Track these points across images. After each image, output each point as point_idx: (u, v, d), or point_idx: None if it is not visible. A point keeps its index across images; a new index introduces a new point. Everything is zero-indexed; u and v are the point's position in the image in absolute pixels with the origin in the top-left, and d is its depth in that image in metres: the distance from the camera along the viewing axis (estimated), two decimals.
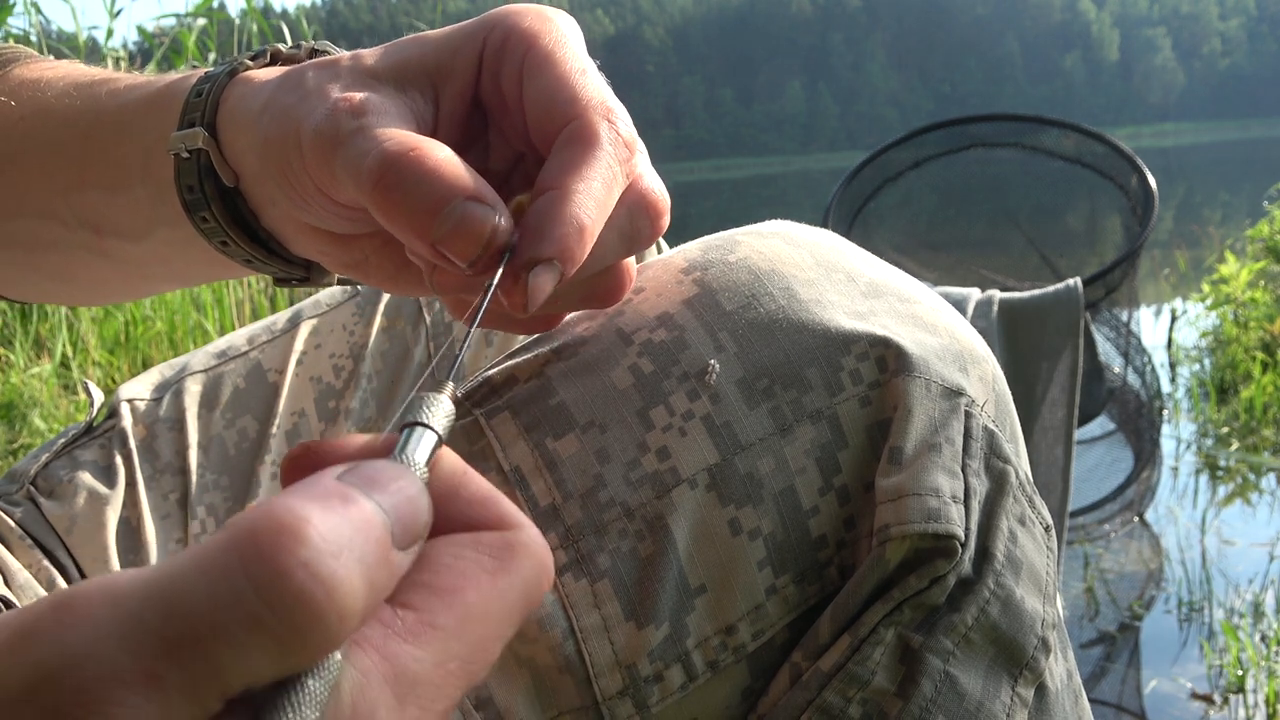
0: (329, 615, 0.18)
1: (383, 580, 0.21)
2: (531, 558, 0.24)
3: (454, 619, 0.22)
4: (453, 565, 0.23)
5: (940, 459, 0.39)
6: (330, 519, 0.20)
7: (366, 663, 0.21)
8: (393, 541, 0.21)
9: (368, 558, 0.20)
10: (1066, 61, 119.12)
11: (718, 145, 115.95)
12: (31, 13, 2.96)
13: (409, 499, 0.22)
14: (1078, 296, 1.72)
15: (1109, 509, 2.19)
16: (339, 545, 0.19)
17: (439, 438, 0.26)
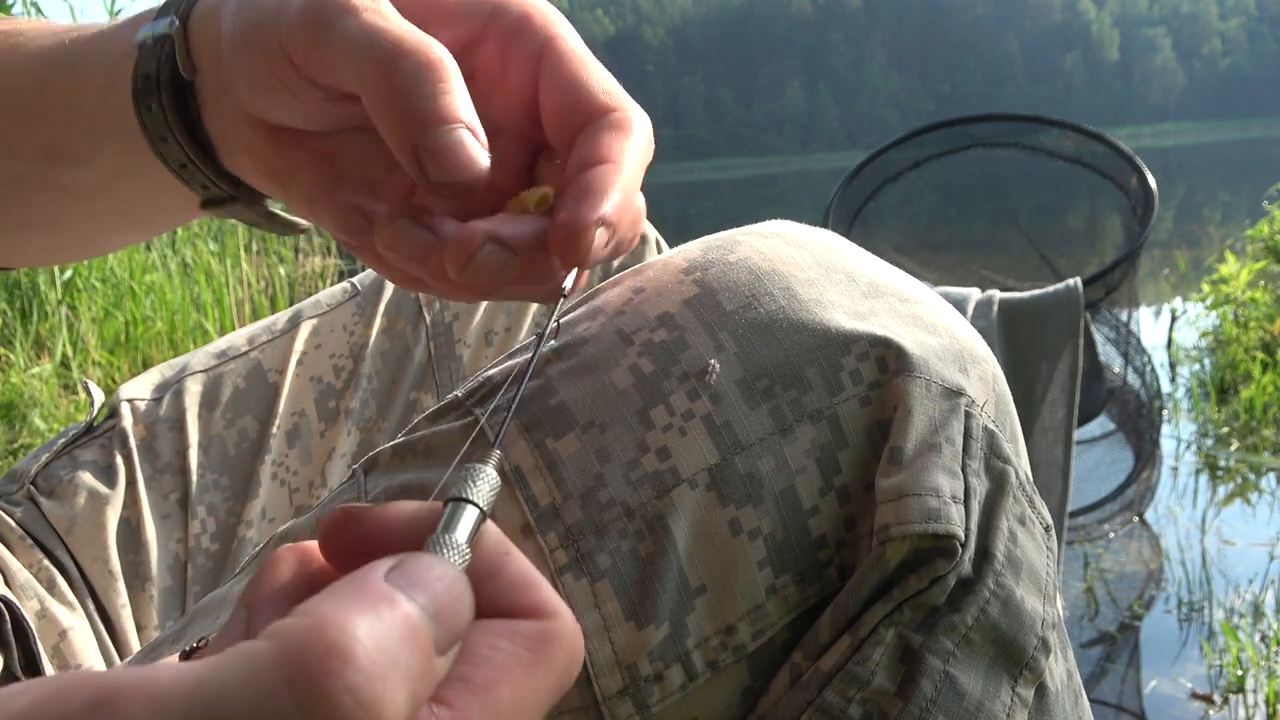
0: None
1: (424, 691, 0.21)
2: (566, 648, 0.24)
3: (487, 716, 0.22)
4: (489, 658, 0.23)
5: (940, 459, 0.39)
6: (379, 633, 0.20)
7: None
8: (435, 648, 0.21)
9: (412, 671, 0.20)
10: (1066, 61, 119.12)
11: (718, 145, 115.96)
12: (31, 13, 2.96)
13: (453, 599, 0.23)
14: (1078, 296, 1.72)
15: (1109, 509, 2.19)
16: (385, 666, 0.20)
17: (482, 513, 0.26)
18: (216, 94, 0.42)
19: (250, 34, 0.39)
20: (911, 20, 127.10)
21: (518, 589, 0.25)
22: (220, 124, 0.43)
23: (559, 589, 0.37)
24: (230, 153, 0.43)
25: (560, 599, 0.25)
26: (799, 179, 37.01)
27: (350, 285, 0.82)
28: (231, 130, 0.42)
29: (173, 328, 3.43)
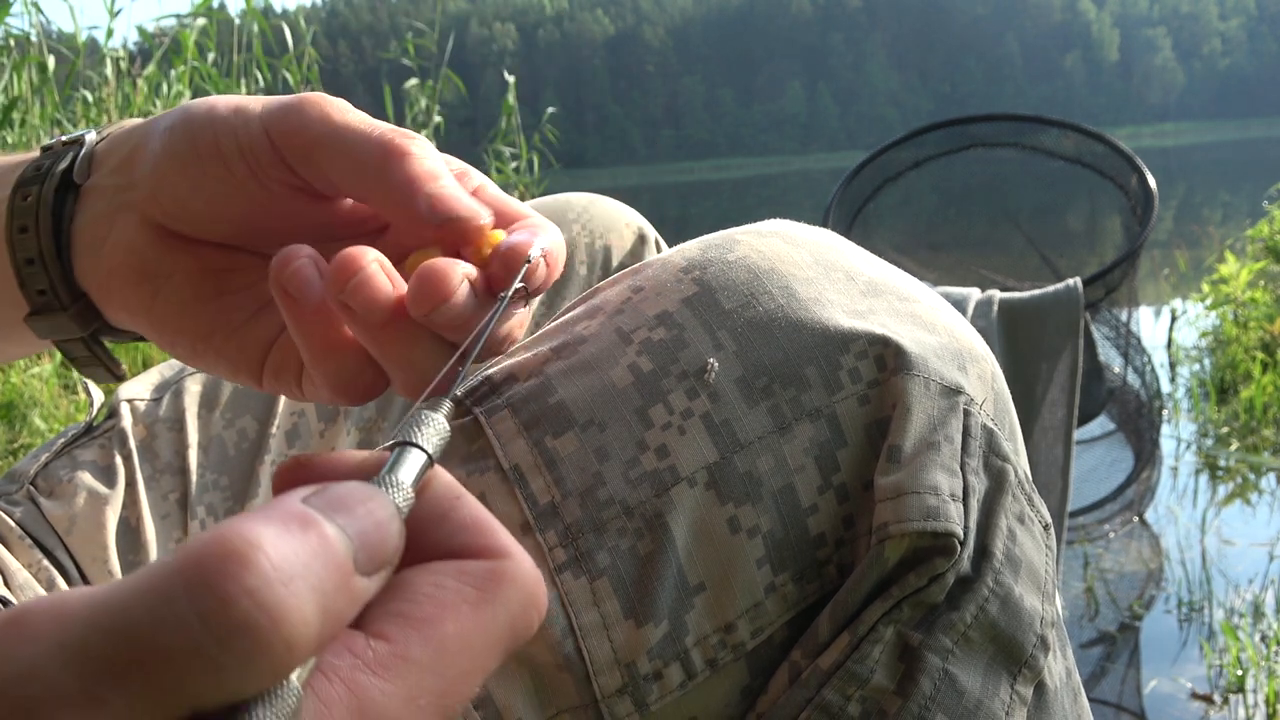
0: (275, 644, 0.18)
1: (341, 607, 0.20)
2: (519, 588, 0.24)
3: (429, 652, 0.22)
4: (432, 595, 0.23)
5: (939, 457, 0.39)
6: (285, 543, 0.19)
7: (331, 693, 0.20)
8: (356, 567, 0.21)
9: (324, 584, 0.19)
10: (1066, 61, 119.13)
11: (718, 145, 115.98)
12: (31, 13, 2.96)
13: (377, 523, 0.22)
14: (1078, 296, 1.72)
15: (1109, 509, 2.19)
16: (290, 572, 0.19)
17: (429, 458, 0.26)
18: (108, 195, 0.43)
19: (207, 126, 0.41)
20: (911, 20, 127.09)
21: (468, 531, 0.24)
22: (97, 223, 0.43)
23: (558, 587, 0.37)
24: (91, 253, 0.44)
25: (515, 541, 0.25)
26: (799, 179, 37.01)
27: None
28: (109, 228, 0.43)
29: None
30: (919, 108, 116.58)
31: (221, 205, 0.42)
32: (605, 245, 0.80)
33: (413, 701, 0.21)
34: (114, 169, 0.43)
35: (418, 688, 0.21)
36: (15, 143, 2.73)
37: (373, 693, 0.21)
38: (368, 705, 0.20)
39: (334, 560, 0.20)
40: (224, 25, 3.58)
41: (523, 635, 0.24)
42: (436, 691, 0.21)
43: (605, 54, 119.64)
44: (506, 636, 0.23)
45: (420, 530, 0.25)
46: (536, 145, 5.44)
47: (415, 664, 0.21)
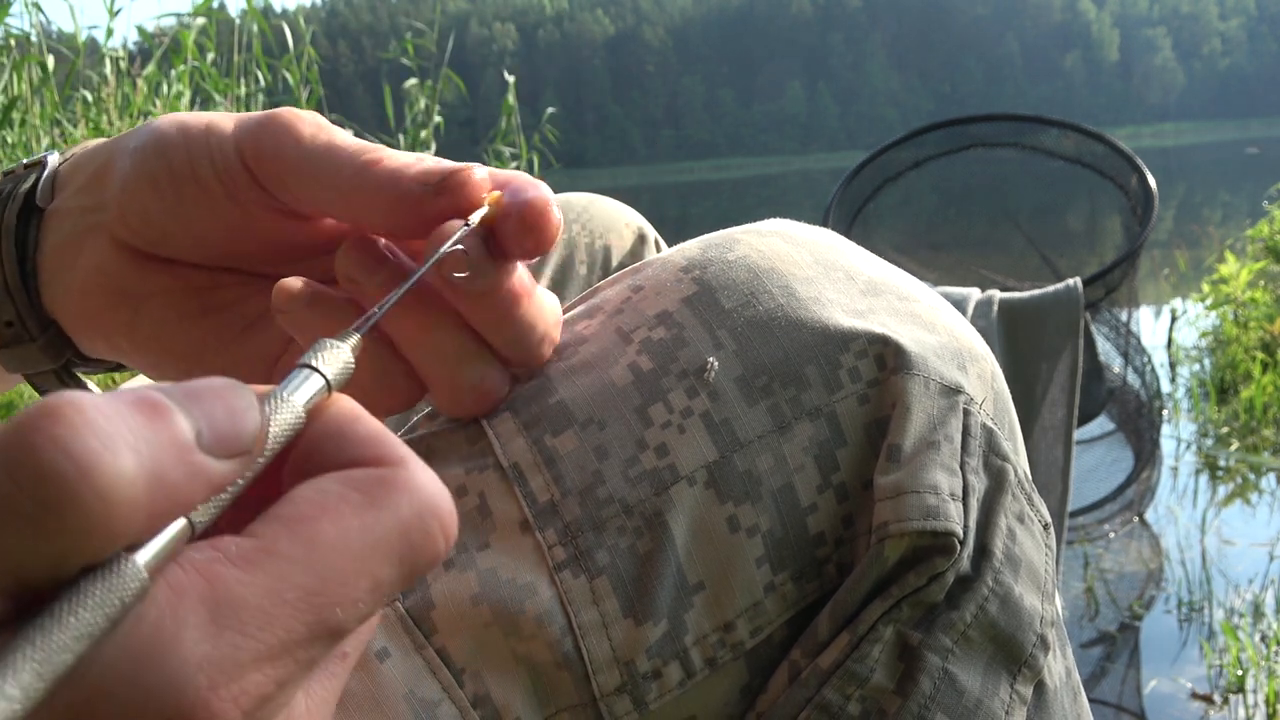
0: (84, 494, 0.18)
1: (177, 479, 0.19)
2: (412, 496, 0.22)
3: (299, 548, 0.21)
4: (311, 498, 0.22)
5: (939, 456, 0.39)
6: (111, 407, 0.19)
7: (183, 580, 0.20)
8: (197, 442, 0.20)
9: (151, 449, 0.19)
10: (1066, 61, 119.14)
11: (718, 145, 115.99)
12: (31, 12, 2.96)
13: (229, 408, 0.21)
14: (1078, 296, 1.72)
15: (1109, 509, 2.19)
16: (108, 431, 0.18)
17: (326, 382, 0.25)
18: (74, 217, 0.42)
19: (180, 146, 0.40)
20: (911, 20, 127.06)
21: (361, 444, 0.23)
22: (65, 248, 0.42)
23: (557, 585, 0.37)
24: (60, 279, 0.42)
25: (413, 454, 0.24)
26: (799, 179, 37.02)
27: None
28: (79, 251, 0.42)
29: None
30: (919, 108, 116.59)
31: (198, 226, 0.40)
32: (605, 245, 0.80)
33: (277, 594, 0.20)
34: (79, 189, 0.42)
35: (284, 581, 0.20)
36: (15, 142, 2.73)
37: (228, 581, 0.20)
38: (223, 593, 0.20)
39: (167, 431, 0.19)
40: (224, 25, 3.59)
41: (422, 548, 0.23)
42: (306, 588, 0.20)
43: (605, 54, 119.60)
44: (398, 543, 0.22)
45: (313, 448, 0.24)
46: (536, 145, 5.45)
47: (282, 558, 0.20)
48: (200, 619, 0.19)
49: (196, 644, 0.19)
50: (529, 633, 0.37)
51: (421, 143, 4.28)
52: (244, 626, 0.20)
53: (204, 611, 0.19)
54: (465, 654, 0.37)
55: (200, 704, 0.19)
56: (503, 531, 0.38)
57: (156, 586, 0.19)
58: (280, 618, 0.20)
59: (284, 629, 0.20)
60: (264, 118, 0.39)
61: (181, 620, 0.19)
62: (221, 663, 0.19)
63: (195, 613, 0.19)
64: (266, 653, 0.20)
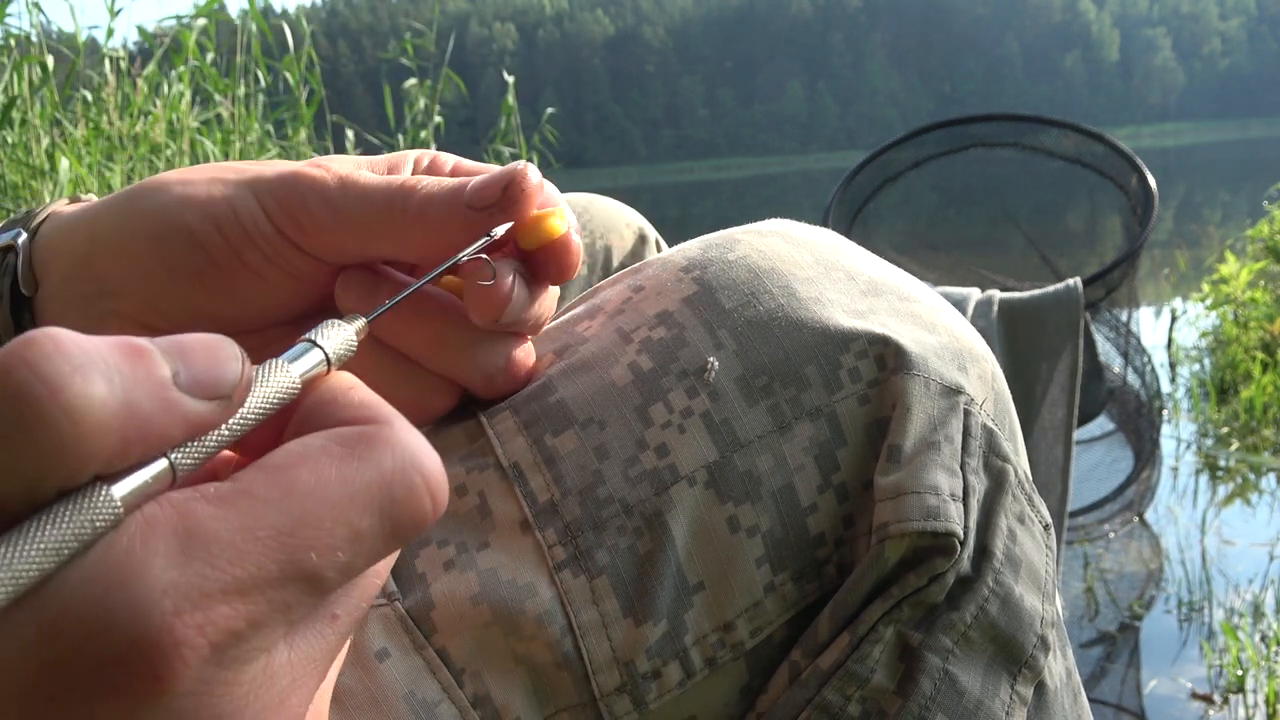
0: (53, 412, 0.18)
1: (151, 410, 0.20)
2: (394, 450, 0.23)
3: (275, 491, 0.21)
4: (293, 449, 0.22)
5: (939, 457, 0.39)
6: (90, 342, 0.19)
7: (157, 514, 0.20)
8: (174, 381, 0.20)
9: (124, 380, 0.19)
10: (1066, 61, 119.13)
11: (718, 145, 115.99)
12: (32, 12, 2.96)
13: (210, 353, 0.21)
14: (1078, 296, 1.72)
15: (1109, 509, 2.19)
16: (81, 359, 0.19)
17: (325, 356, 0.26)
18: (78, 306, 0.40)
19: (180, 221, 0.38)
20: (911, 20, 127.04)
21: (351, 408, 0.24)
22: None
23: (557, 585, 0.37)
24: None
25: (399, 415, 0.24)
26: (799, 179, 37.01)
27: None
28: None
29: None
30: (919, 108, 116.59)
31: (251, 299, 0.40)
32: (605, 245, 0.80)
33: (249, 532, 0.20)
34: (69, 277, 0.40)
35: (257, 520, 0.21)
36: (15, 142, 2.73)
37: (201, 516, 0.20)
38: (194, 526, 0.20)
39: (144, 366, 0.20)
40: (224, 25, 3.58)
41: (404, 499, 0.23)
42: (280, 528, 0.21)
43: (605, 54, 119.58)
44: (376, 493, 0.22)
45: (309, 415, 0.24)
46: (536, 145, 5.44)
47: (256, 499, 0.21)
48: (170, 548, 0.20)
49: (164, 570, 0.19)
50: (529, 633, 0.37)
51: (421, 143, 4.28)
52: (213, 559, 0.20)
53: (174, 541, 0.20)
54: (465, 654, 0.37)
55: (165, 628, 0.19)
56: (502, 531, 0.38)
57: (130, 517, 0.20)
58: (250, 553, 0.20)
59: (254, 564, 0.20)
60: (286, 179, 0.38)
61: (151, 548, 0.20)
62: (188, 590, 0.19)
63: (165, 542, 0.20)
64: (235, 586, 0.20)
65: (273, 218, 0.38)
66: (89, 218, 0.41)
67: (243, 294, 0.40)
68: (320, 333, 0.26)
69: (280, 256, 0.39)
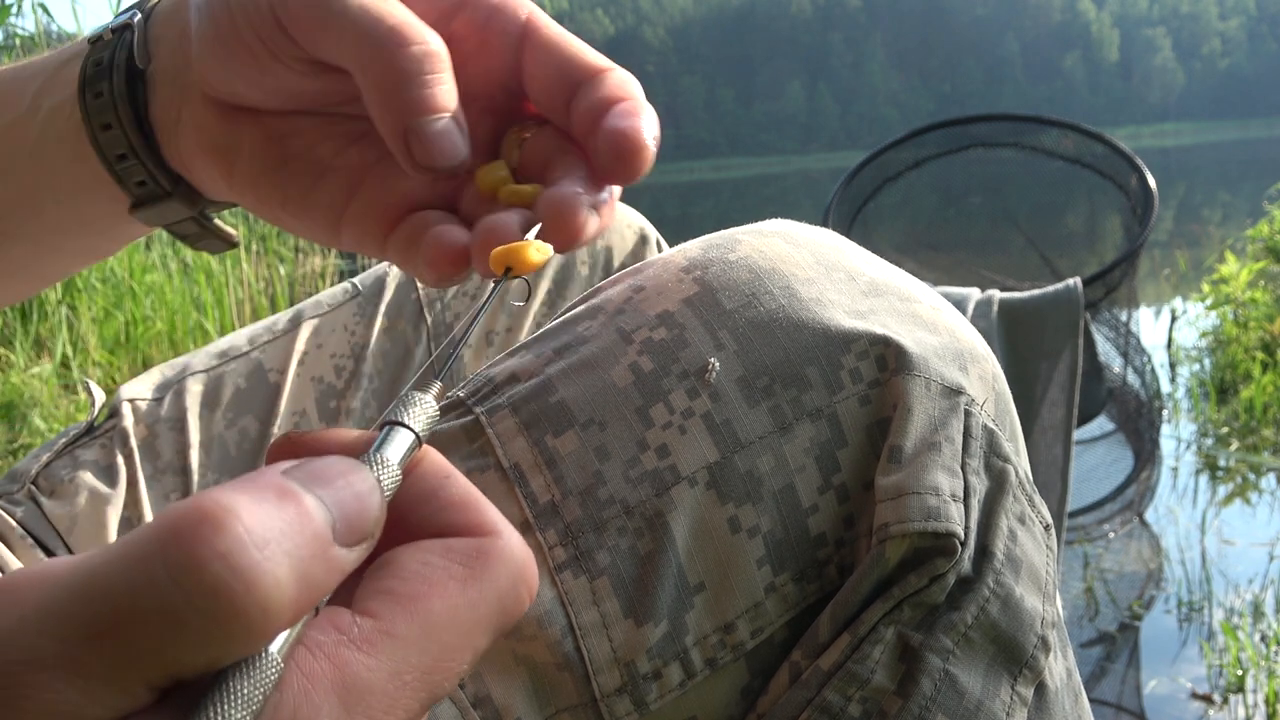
0: (249, 608, 0.18)
1: (319, 577, 0.20)
2: (507, 566, 0.23)
3: (415, 628, 0.22)
4: (419, 572, 0.23)
5: (940, 457, 0.39)
6: (260, 510, 0.19)
7: (314, 667, 0.20)
8: (334, 536, 0.21)
9: (299, 551, 0.19)
10: (1066, 61, 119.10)
11: (718, 145, 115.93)
12: (36, 13, 2.96)
13: (356, 494, 0.22)
14: (1077, 296, 1.72)
15: (1109, 509, 2.19)
16: (265, 537, 0.19)
17: (416, 437, 0.25)
18: (170, 77, 0.42)
19: (223, 9, 0.39)
20: (911, 20, 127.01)
21: (455, 509, 0.24)
22: (169, 107, 0.43)
23: (558, 586, 0.37)
24: (173, 137, 0.43)
25: (503, 518, 0.24)
26: (799, 179, 37.00)
27: (351, 285, 0.82)
28: (180, 110, 0.43)
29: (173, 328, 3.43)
30: (919, 108, 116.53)
31: (259, 81, 0.40)
32: (606, 246, 0.80)
33: (398, 677, 0.21)
34: (171, 51, 0.43)
35: (404, 663, 0.21)
36: None
37: (357, 667, 0.21)
38: (351, 680, 0.20)
39: (310, 528, 0.20)
40: None
41: (513, 613, 0.23)
42: (423, 668, 0.21)
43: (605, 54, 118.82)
44: (496, 614, 0.23)
45: (409, 509, 0.24)
46: None
47: (401, 640, 0.21)
48: (333, 705, 0.20)
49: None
50: (530, 633, 0.37)
51: None
52: (371, 710, 0.20)
53: (335, 698, 0.20)
54: None
55: None
56: None
57: (290, 673, 0.20)
58: (401, 699, 0.21)
59: (404, 709, 0.21)
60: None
61: (316, 707, 0.20)
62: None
63: (328, 700, 0.20)
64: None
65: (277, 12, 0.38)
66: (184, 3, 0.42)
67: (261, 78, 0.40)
68: (404, 412, 0.26)
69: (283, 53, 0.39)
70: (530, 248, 0.34)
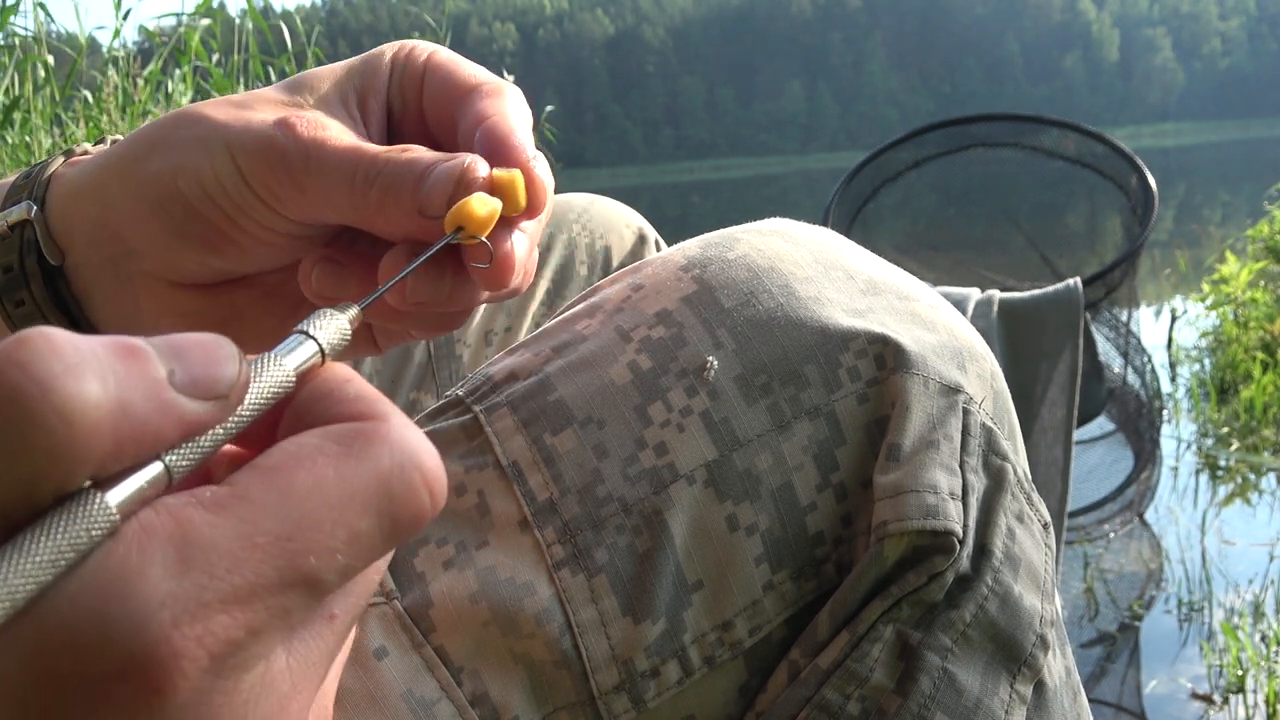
0: (45, 413, 0.18)
1: (145, 411, 0.19)
2: (392, 447, 0.22)
3: (272, 495, 0.21)
4: (289, 450, 0.22)
5: (938, 456, 0.39)
6: (85, 342, 0.19)
7: (154, 521, 0.20)
8: (170, 382, 0.20)
9: (119, 380, 0.19)
10: (1066, 61, 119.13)
11: (718, 145, 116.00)
12: (37, 13, 2.96)
13: (206, 352, 0.21)
14: (1077, 296, 1.72)
15: (1109, 509, 2.19)
16: (75, 359, 0.18)
17: (319, 348, 0.25)
18: (108, 270, 0.40)
19: (179, 193, 0.38)
20: (911, 20, 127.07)
21: (346, 403, 0.23)
22: (119, 301, 0.41)
23: (556, 584, 0.37)
24: (130, 323, 0.41)
25: (396, 410, 0.24)
26: (799, 179, 37.01)
27: None
28: (143, 302, 0.40)
29: None
30: (919, 108, 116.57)
31: (239, 253, 0.39)
32: (605, 245, 0.80)
33: (247, 538, 0.20)
34: (93, 243, 0.40)
35: (254, 526, 0.20)
36: (16, 142, 2.73)
37: (200, 524, 0.20)
38: (193, 534, 0.20)
39: (140, 367, 0.20)
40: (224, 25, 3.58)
41: (403, 497, 0.22)
42: (278, 534, 0.20)
43: (605, 54, 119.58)
44: (375, 493, 0.22)
45: (304, 408, 0.24)
46: (536, 145, 5.44)
47: (253, 503, 0.21)
48: (167, 557, 0.19)
49: (161, 580, 0.19)
50: (527, 631, 0.37)
51: None
52: (211, 567, 0.20)
53: (171, 550, 0.19)
54: (464, 652, 0.37)
55: (163, 639, 0.19)
56: (501, 530, 0.38)
57: (126, 525, 0.20)
58: (249, 561, 0.20)
59: (253, 572, 0.20)
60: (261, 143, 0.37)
61: (148, 558, 0.19)
62: (186, 601, 0.19)
63: (163, 551, 0.19)
64: (234, 595, 0.20)
65: (251, 186, 0.38)
66: (94, 182, 0.40)
67: (248, 252, 0.39)
68: (313, 323, 0.26)
69: (269, 219, 0.38)
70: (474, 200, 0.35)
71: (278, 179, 0.37)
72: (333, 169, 0.36)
